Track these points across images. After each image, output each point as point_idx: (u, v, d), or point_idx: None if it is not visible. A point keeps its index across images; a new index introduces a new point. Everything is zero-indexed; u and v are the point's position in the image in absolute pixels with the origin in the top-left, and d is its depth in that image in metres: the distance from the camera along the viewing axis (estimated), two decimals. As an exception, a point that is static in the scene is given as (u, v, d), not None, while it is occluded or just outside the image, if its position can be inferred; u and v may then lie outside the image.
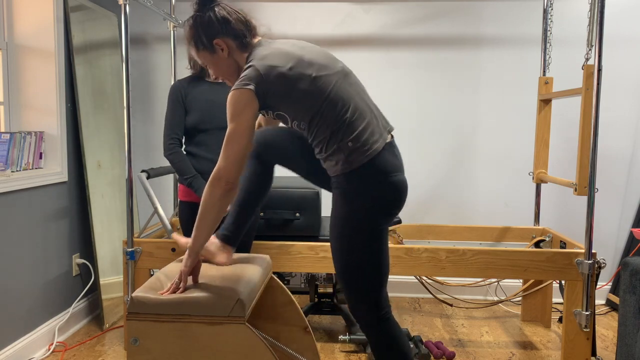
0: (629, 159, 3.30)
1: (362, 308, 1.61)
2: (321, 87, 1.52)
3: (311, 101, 1.52)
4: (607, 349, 2.67)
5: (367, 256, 1.57)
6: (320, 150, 1.58)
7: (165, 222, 2.49)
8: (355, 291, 1.60)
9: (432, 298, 3.47)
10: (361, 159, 1.53)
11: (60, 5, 2.68)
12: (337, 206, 1.58)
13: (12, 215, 2.36)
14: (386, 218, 1.57)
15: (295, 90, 1.51)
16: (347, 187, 1.55)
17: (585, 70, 2.25)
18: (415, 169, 3.42)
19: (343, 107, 1.53)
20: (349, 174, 1.54)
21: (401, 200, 1.59)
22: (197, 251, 1.54)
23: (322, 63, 1.56)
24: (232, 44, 1.58)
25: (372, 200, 1.54)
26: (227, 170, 1.48)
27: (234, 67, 1.61)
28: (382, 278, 1.61)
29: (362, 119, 1.55)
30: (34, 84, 2.66)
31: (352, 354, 2.57)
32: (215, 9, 1.57)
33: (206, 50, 1.59)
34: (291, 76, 1.50)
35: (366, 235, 1.55)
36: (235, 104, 1.48)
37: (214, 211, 1.50)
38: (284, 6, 3.38)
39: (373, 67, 3.38)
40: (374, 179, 1.54)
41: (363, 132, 1.54)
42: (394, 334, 1.63)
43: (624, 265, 2.09)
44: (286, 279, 3.22)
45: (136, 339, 1.47)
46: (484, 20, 3.31)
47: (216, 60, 1.60)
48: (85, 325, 2.91)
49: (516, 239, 3.03)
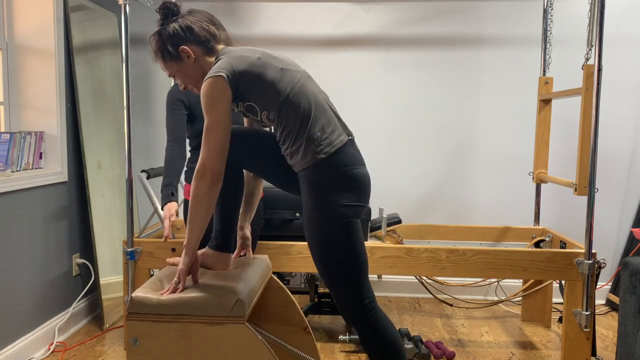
0: (629, 159, 3.30)
1: (345, 300, 1.64)
2: (288, 78, 1.60)
3: (280, 89, 1.58)
4: (607, 349, 2.67)
5: (342, 248, 1.59)
6: (289, 144, 1.61)
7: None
8: (336, 284, 1.63)
9: (432, 298, 3.47)
10: (328, 149, 1.58)
11: (60, 5, 2.68)
12: (306, 200, 1.61)
13: (12, 215, 2.36)
14: (354, 210, 1.60)
15: (264, 78, 1.58)
16: (314, 180, 1.58)
17: (585, 70, 2.25)
18: (415, 168, 3.42)
19: (308, 100, 1.61)
20: (316, 165, 1.58)
21: (367, 192, 1.64)
22: (194, 248, 1.55)
23: (287, 61, 1.66)
24: (198, 50, 1.65)
25: (338, 193, 1.58)
26: (210, 161, 1.52)
27: (200, 73, 1.67)
28: (360, 268, 1.63)
29: (325, 114, 1.63)
30: (34, 84, 2.66)
31: (352, 354, 2.57)
32: (179, 20, 1.64)
33: (173, 60, 1.65)
34: (259, 65, 1.59)
35: (337, 227, 1.58)
36: (209, 93, 1.53)
37: (203, 205, 1.53)
38: (284, 6, 3.38)
39: (373, 67, 3.38)
40: (340, 171, 1.58)
41: (327, 126, 1.61)
42: (381, 324, 1.65)
43: (624, 265, 2.09)
44: (286, 279, 3.22)
45: (136, 339, 1.47)
46: (484, 20, 3.31)
47: (183, 68, 1.66)
48: (85, 325, 2.91)
49: (516, 239, 3.03)
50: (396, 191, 3.44)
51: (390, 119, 3.40)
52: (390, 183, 3.43)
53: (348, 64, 3.39)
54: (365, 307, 1.64)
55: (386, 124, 3.41)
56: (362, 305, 1.63)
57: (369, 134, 3.41)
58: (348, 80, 3.40)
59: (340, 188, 1.58)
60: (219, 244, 1.72)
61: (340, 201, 1.57)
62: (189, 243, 1.55)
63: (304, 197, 1.63)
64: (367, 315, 1.64)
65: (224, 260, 1.72)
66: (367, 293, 1.65)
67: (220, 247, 1.72)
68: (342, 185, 1.58)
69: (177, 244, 2.40)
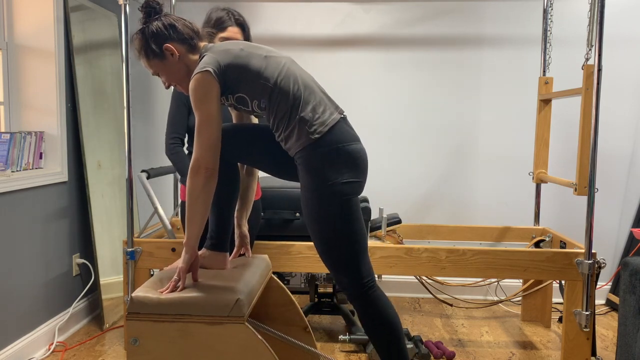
0: (629, 159, 3.30)
1: (344, 278, 1.64)
2: (273, 64, 1.61)
3: (267, 76, 1.59)
4: (607, 349, 2.67)
5: (340, 226, 1.59)
6: (283, 129, 1.62)
7: (165, 222, 2.49)
8: (335, 262, 1.63)
9: (432, 298, 3.47)
10: (321, 129, 1.58)
11: (60, 5, 2.68)
12: (304, 182, 1.61)
13: (12, 215, 2.36)
14: (352, 186, 1.61)
15: (250, 68, 1.59)
16: (311, 160, 1.59)
17: (585, 70, 2.25)
18: (416, 168, 3.42)
19: (296, 83, 1.61)
20: (311, 146, 1.58)
21: (364, 167, 1.65)
22: (193, 246, 1.55)
23: (269, 49, 1.68)
24: (181, 48, 1.65)
25: (335, 170, 1.58)
26: (204, 157, 1.52)
27: (184, 70, 1.67)
28: (359, 246, 1.63)
29: (314, 94, 1.64)
30: (34, 84, 2.66)
31: (352, 354, 2.57)
32: (162, 18, 1.64)
33: (157, 58, 1.65)
34: (243, 56, 1.60)
35: (336, 206, 1.58)
36: (198, 88, 1.53)
37: (200, 201, 1.53)
38: (284, 6, 3.38)
39: (373, 67, 3.38)
40: (335, 148, 1.59)
41: (318, 106, 1.62)
42: (380, 303, 1.66)
43: (624, 265, 2.09)
44: (286, 279, 3.22)
45: (136, 339, 1.47)
46: (484, 20, 3.31)
47: (167, 66, 1.65)
48: (85, 325, 2.91)
49: (516, 239, 3.03)
50: (396, 191, 3.44)
51: (390, 119, 3.40)
52: (390, 183, 3.43)
53: (348, 64, 3.39)
54: (365, 285, 1.64)
55: (386, 124, 3.41)
56: (362, 283, 1.64)
57: (369, 134, 3.41)
58: (348, 80, 3.40)
59: (337, 165, 1.58)
60: (215, 244, 1.72)
61: (337, 179, 1.58)
62: (188, 241, 1.55)
63: (301, 178, 1.63)
64: (367, 293, 1.65)
65: (221, 260, 1.72)
66: (367, 271, 1.65)
67: (216, 246, 1.72)
68: (339, 163, 1.59)
69: (177, 244, 2.40)
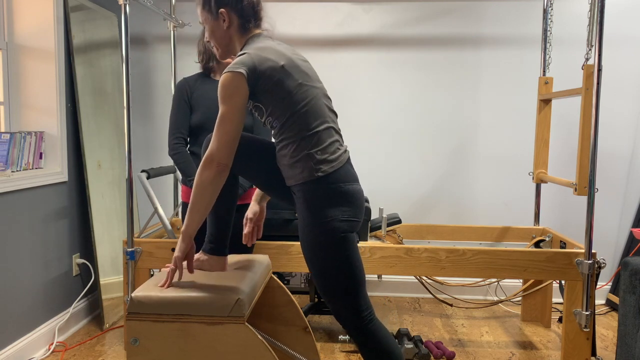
0: (629, 159, 3.30)
1: (342, 313, 1.63)
2: (304, 94, 1.58)
3: (292, 103, 1.57)
4: (607, 349, 2.67)
5: (338, 263, 1.58)
6: (286, 155, 1.60)
7: (165, 222, 2.49)
8: (332, 297, 1.62)
9: (432, 298, 3.47)
10: (326, 169, 1.58)
11: (60, 5, 2.68)
12: (303, 215, 1.61)
13: (12, 215, 2.36)
14: (350, 224, 1.60)
15: (281, 87, 1.56)
16: (310, 195, 1.58)
17: (585, 70, 2.25)
18: (416, 168, 3.42)
19: (316, 120, 1.59)
20: (313, 182, 1.57)
21: (361, 208, 1.64)
22: (191, 235, 1.55)
23: (309, 74, 1.63)
24: (236, 20, 1.64)
25: (335, 207, 1.57)
26: (219, 151, 1.51)
27: (227, 41, 1.67)
28: (357, 283, 1.62)
29: (331, 135, 1.62)
30: (34, 84, 2.66)
31: (352, 354, 2.57)
32: None
33: (210, 14, 1.65)
34: (281, 73, 1.56)
35: (333, 243, 1.57)
36: (227, 86, 1.52)
37: (207, 193, 1.52)
38: (284, 6, 3.38)
39: (373, 67, 3.38)
40: (336, 187, 1.58)
41: (331, 146, 1.60)
42: (380, 334, 1.64)
43: (624, 265, 2.09)
44: (286, 279, 3.22)
45: (136, 339, 1.47)
46: (484, 20, 3.32)
47: (215, 26, 1.66)
48: (85, 325, 2.91)
49: (516, 239, 3.03)
50: (396, 191, 3.44)
51: (390, 119, 3.40)
52: (390, 183, 3.43)
53: (348, 64, 3.39)
54: (363, 319, 1.62)
55: (386, 124, 3.41)
56: (360, 317, 1.62)
57: (369, 134, 3.41)
58: (348, 80, 3.40)
59: (337, 203, 1.58)
60: (213, 248, 1.70)
61: (337, 216, 1.57)
62: (186, 230, 1.55)
63: (299, 211, 1.62)
64: (366, 326, 1.63)
65: (220, 264, 1.71)
66: (365, 305, 1.64)
67: (214, 251, 1.71)
68: (338, 201, 1.58)
69: (176, 245, 2.39)
